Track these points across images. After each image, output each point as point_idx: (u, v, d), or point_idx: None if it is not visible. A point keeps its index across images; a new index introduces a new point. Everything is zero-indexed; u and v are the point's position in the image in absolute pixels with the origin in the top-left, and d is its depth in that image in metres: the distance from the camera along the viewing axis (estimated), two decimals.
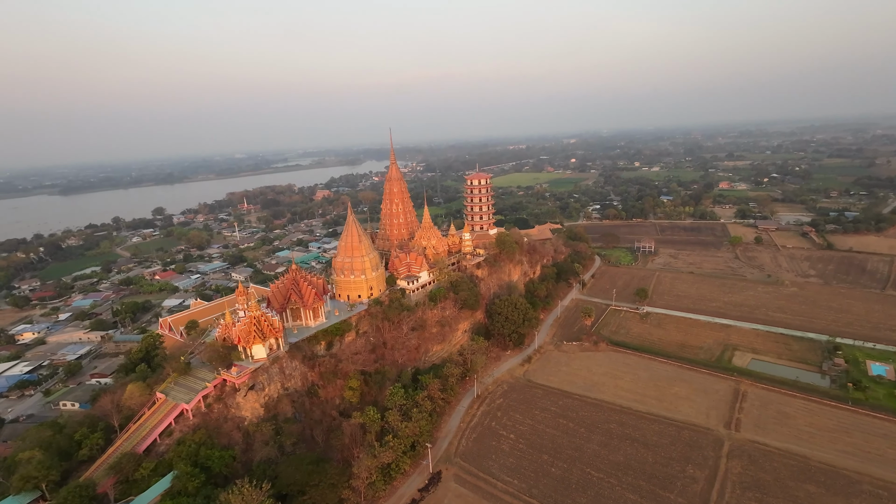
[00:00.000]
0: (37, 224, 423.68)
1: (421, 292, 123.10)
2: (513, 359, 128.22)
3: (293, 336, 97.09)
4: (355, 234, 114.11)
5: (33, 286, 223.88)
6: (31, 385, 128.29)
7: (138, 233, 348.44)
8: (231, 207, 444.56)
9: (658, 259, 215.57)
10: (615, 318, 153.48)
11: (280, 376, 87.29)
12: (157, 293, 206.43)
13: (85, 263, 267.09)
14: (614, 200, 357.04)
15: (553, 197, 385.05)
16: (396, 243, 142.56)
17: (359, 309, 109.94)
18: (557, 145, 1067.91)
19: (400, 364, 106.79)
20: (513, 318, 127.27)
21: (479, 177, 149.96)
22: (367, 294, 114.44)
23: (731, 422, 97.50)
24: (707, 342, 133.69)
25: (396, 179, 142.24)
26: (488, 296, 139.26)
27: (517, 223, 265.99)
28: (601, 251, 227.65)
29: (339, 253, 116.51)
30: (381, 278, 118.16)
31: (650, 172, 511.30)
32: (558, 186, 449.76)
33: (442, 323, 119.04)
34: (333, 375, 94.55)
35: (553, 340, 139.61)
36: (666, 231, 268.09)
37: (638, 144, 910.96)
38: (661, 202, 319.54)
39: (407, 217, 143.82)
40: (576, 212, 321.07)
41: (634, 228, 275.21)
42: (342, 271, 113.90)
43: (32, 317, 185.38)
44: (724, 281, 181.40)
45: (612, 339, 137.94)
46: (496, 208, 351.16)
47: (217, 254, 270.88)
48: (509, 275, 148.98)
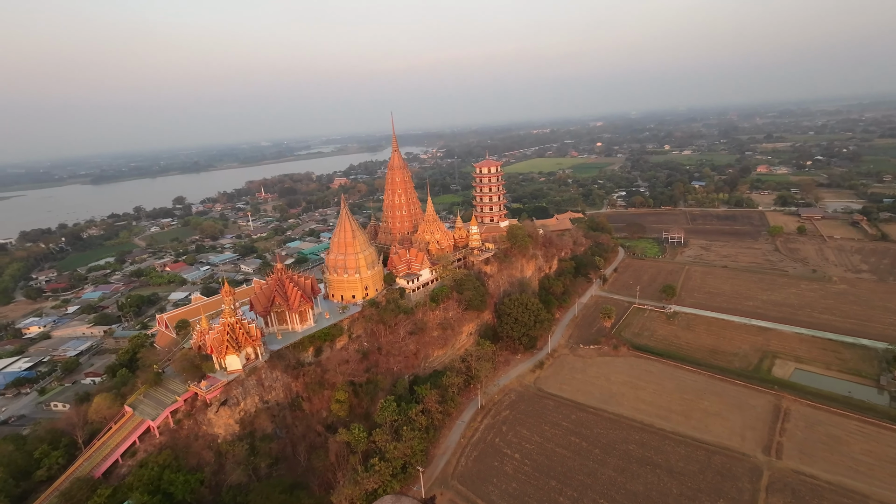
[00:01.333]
0: (65, 213, 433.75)
1: (422, 292, 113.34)
2: (523, 364, 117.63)
3: (277, 342, 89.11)
4: (349, 229, 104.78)
5: (49, 277, 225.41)
6: (28, 383, 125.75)
7: (157, 222, 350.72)
8: (249, 196, 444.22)
9: (688, 251, 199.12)
10: (638, 317, 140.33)
11: (258, 389, 79.46)
12: (166, 285, 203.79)
13: (103, 254, 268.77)
14: (641, 187, 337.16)
15: (576, 183, 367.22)
16: (399, 237, 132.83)
17: (352, 311, 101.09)
18: (583, 129, 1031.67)
19: (395, 372, 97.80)
20: (523, 320, 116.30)
21: (489, 164, 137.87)
22: (362, 294, 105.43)
23: (770, 446, 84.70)
24: (742, 348, 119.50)
25: (399, 168, 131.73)
26: (498, 294, 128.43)
27: (535, 212, 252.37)
28: (625, 242, 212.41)
29: (331, 249, 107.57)
30: (377, 277, 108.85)
31: (681, 156, 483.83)
32: (582, 172, 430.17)
33: (444, 325, 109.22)
34: (320, 386, 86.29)
35: (568, 343, 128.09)
36: (697, 220, 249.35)
37: (668, 126, 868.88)
38: (692, 188, 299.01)
39: (410, 209, 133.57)
40: (599, 199, 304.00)
41: (662, 217, 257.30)
42: (335, 269, 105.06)
43: (43, 309, 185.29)
44: (762, 276, 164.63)
45: (635, 342, 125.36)
46: (515, 195, 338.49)
47: (229, 244, 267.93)
48: (521, 271, 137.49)
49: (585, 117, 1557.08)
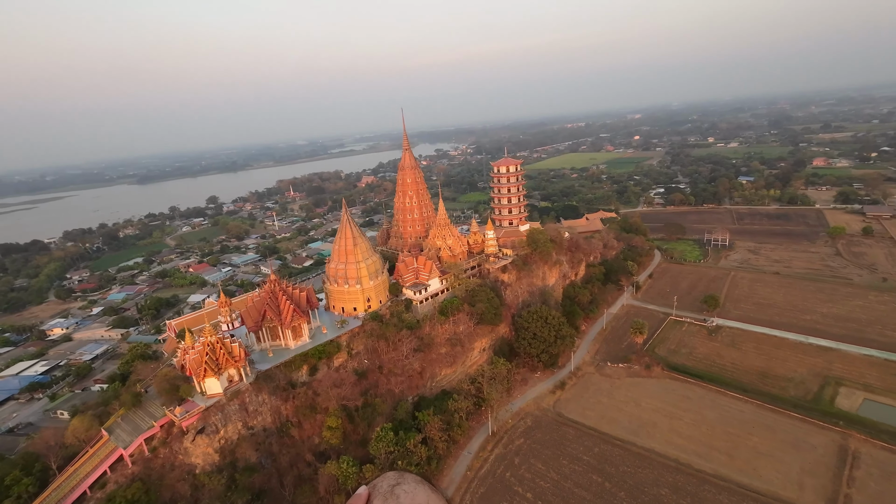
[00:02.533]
0: (108, 213, 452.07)
1: (431, 303, 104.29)
2: (542, 384, 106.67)
3: (267, 360, 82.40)
4: (349, 236, 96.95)
5: (82, 277, 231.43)
6: (41, 387, 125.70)
7: (189, 222, 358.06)
8: (278, 195, 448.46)
9: (734, 255, 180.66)
10: (675, 332, 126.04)
11: (241, 414, 72.81)
12: (188, 287, 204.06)
13: (134, 254, 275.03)
14: (681, 183, 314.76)
15: (610, 179, 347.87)
16: (411, 242, 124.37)
17: (353, 325, 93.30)
18: (619, 122, 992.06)
19: (397, 394, 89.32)
20: (542, 336, 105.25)
21: (508, 163, 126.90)
22: (364, 306, 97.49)
23: (836, 500, 70.68)
24: (799, 371, 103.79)
25: (410, 168, 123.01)
26: (516, 305, 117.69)
27: (564, 211, 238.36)
28: (663, 244, 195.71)
29: (332, 258, 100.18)
30: (381, 287, 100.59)
31: (726, 149, 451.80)
32: (617, 167, 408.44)
33: (453, 341, 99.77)
34: (311, 410, 78.91)
35: (594, 360, 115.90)
36: (744, 219, 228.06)
37: (713, 117, 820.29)
38: (738, 184, 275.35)
39: (423, 212, 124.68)
40: (635, 197, 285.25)
41: (705, 216, 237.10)
42: (335, 279, 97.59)
43: (71, 310, 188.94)
44: (821, 285, 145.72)
45: (670, 361, 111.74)
46: (544, 193, 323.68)
47: (254, 244, 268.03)
48: (543, 279, 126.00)
49: (622, 110, 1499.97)
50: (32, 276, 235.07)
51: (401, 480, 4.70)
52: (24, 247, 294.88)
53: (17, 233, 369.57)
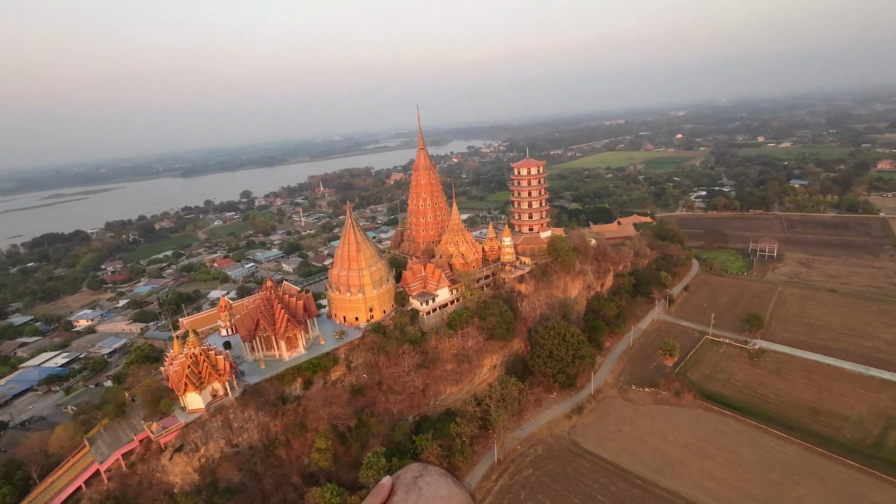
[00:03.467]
0: (150, 205, 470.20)
1: (439, 315, 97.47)
2: (557, 406, 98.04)
3: (259, 372, 77.97)
4: (352, 241, 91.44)
5: (115, 268, 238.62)
6: (59, 380, 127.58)
7: (221, 216, 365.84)
8: (308, 191, 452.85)
9: (782, 268, 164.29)
10: (711, 353, 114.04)
11: (224, 432, 68.51)
12: (211, 282, 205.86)
13: (167, 246, 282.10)
14: (726, 185, 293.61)
15: (647, 180, 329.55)
16: (423, 246, 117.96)
17: (353, 336, 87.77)
18: (661, 119, 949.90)
19: (395, 413, 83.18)
20: (559, 355, 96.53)
21: (530, 164, 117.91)
22: (366, 316, 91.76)
23: None
24: (857, 409, 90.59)
25: (424, 168, 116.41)
26: (533, 318, 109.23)
27: (595, 214, 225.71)
28: (702, 253, 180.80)
29: (334, 263, 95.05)
30: (386, 296, 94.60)
31: (778, 149, 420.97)
32: (656, 167, 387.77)
33: (461, 357, 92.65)
34: (301, 428, 73.86)
35: (618, 382, 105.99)
36: (796, 227, 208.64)
37: (764, 115, 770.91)
38: (790, 188, 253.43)
39: (437, 215, 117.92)
40: (674, 199, 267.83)
41: (750, 223, 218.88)
42: (337, 287, 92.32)
43: (99, 301, 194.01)
44: (885, 307, 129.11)
45: (704, 387, 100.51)
46: (576, 194, 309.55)
47: (279, 241, 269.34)
48: (564, 290, 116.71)
49: (666, 106, 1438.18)
50: (71, 265, 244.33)
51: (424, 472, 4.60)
52: (67, 237, 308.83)
53: (67, 222, 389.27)
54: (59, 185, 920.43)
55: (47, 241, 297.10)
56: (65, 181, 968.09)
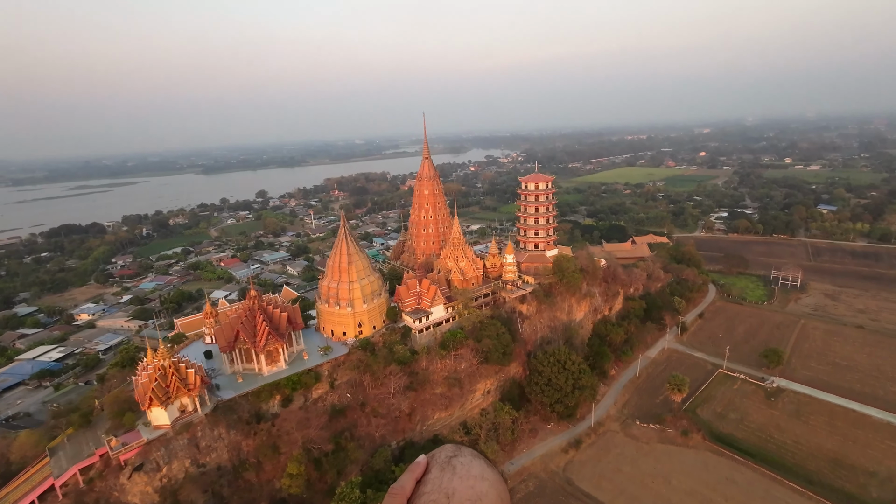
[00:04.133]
0: (169, 200, 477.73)
1: (432, 333, 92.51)
2: (553, 438, 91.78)
3: (235, 387, 74.02)
4: (344, 252, 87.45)
5: (124, 263, 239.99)
6: (52, 375, 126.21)
7: (235, 214, 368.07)
8: (323, 193, 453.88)
9: (806, 298, 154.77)
10: (724, 389, 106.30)
11: (190, 450, 64.53)
12: (215, 281, 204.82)
13: (179, 242, 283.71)
14: (749, 207, 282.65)
15: (666, 198, 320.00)
16: (423, 259, 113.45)
17: (339, 352, 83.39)
18: (685, 135, 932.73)
19: (377, 438, 78.21)
20: (558, 384, 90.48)
21: (538, 179, 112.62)
22: (355, 332, 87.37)
23: None
24: (885, 464, 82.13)
25: (428, 179, 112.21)
26: (533, 341, 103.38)
27: (610, 232, 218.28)
28: (720, 278, 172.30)
29: (325, 274, 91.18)
30: (377, 311, 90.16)
31: (805, 172, 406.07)
32: (676, 185, 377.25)
33: (452, 381, 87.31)
34: (274, 450, 69.45)
35: (621, 414, 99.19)
36: (822, 256, 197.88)
37: (792, 135, 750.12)
38: (817, 213, 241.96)
39: (438, 227, 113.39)
40: (693, 220, 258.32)
41: (774, 248, 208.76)
42: (326, 298, 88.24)
43: (104, 295, 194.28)
44: None
45: (715, 428, 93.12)
46: (591, 210, 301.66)
47: (287, 242, 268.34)
48: (569, 312, 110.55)
49: (690, 123, 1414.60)
50: (83, 257, 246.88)
51: (458, 453, 4.82)
52: (84, 228, 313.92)
53: (87, 214, 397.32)
54: (87, 176, 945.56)
55: (64, 232, 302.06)
56: (93, 173, 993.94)
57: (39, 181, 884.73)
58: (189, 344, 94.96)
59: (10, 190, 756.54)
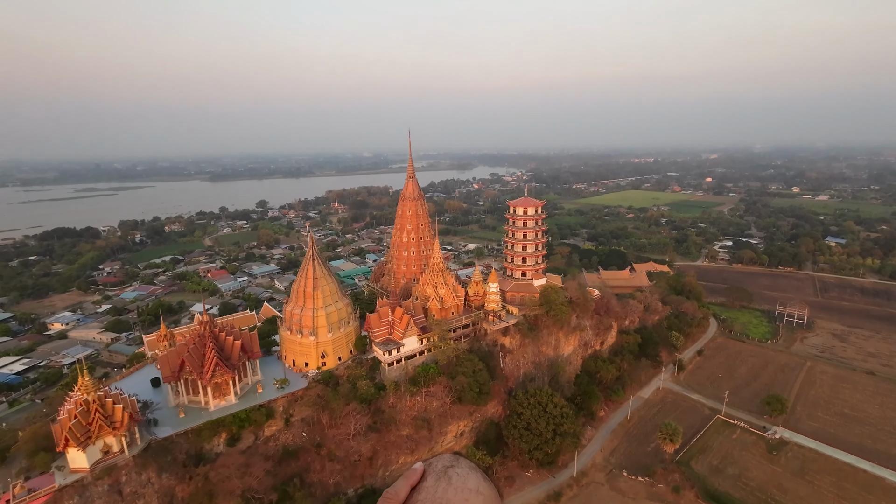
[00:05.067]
0: (172, 206, 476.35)
1: (403, 367, 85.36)
2: (532, 488, 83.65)
3: (174, 423, 67.08)
4: (310, 276, 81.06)
5: (111, 270, 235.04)
6: (10, 389, 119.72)
7: (232, 224, 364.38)
8: (323, 205, 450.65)
9: (813, 338, 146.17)
10: (722, 439, 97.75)
11: (110, 498, 57.37)
12: (200, 293, 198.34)
13: (172, 250, 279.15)
14: (754, 237, 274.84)
15: (670, 224, 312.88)
16: (403, 283, 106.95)
17: (298, 385, 76.42)
18: (692, 160, 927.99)
19: (331, 485, 70.62)
20: (537, 429, 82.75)
21: (528, 203, 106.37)
22: (318, 363, 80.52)
23: None
24: None
25: (412, 199, 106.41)
26: (515, 377, 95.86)
27: (609, 257, 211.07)
28: (722, 312, 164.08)
29: (290, 298, 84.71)
30: (344, 341, 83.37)
31: (814, 202, 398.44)
32: (681, 211, 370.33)
33: (421, 421, 79.85)
34: (209, 499, 62.10)
35: (607, 464, 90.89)
36: (830, 291, 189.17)
37: (801, 164, 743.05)
38: (825, 246, 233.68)
39: (420, 250, 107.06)
40: (696, 248, 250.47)
41: (779, 281, 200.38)
42: (289, 325, 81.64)
43: (84, 304, 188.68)
44: None
45: (709, 484, 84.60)
46: (592, 233, 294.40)
47: (280, 255, 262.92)
48: (556, 347, 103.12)
49: (698, 147, 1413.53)
50: (71, 262, 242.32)
51: (455, 463, 4.80)
52: (78, 232, 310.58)
53: (87, 216, 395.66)
54: (96, 178, 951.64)
55: (57, 235, 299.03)
56: (102, 175, 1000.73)
57: (49, 182, 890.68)
58: (143, 366, 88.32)
59: (17, 190, 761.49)
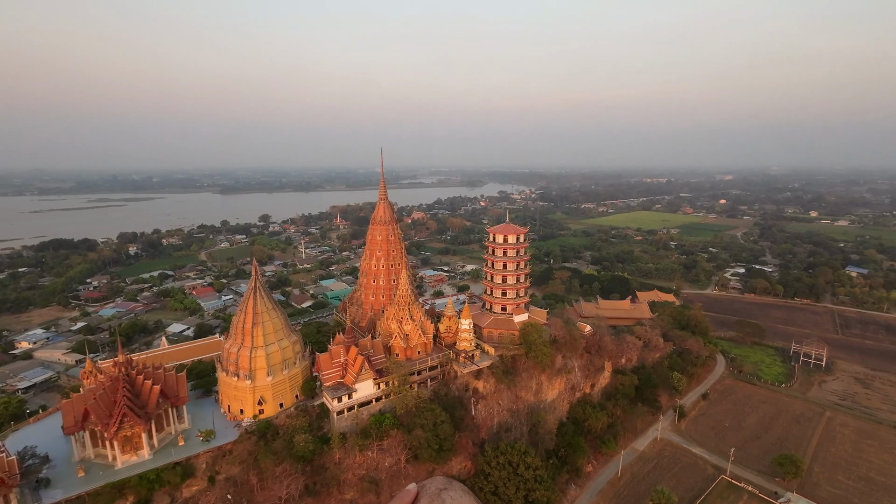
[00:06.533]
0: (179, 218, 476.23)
1: (356, 416, 75.08)
2: None
3: (65, 485, 57.58)
4: (250, 310, 71.87)
5: (97, 284, 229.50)
6: None
7: (230, 238, 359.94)
8: (325, 220, 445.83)
9: (832, 382, 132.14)
10: None
11: None
12: (181, 312, 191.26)
13: (164, 264, 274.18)
14: (769, 265, 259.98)
15: (679, 249, 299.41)
16: (371, 315, 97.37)
17: (226, 438, 66.58)
18: (707, 181, 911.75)
19: None
20: (506, 494, 71.32)
21: (508, 231, 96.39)
22: (254, 410, 70.73)
23: None
24: None
25: (382, 223, 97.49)
26: (489, 427, 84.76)
27: (611, 283, 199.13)
28: (731, 348, 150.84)
29: (229, 334, 75.46)
30: (287, 385, 73.59)
31: (832, 228, 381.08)
32: (692, 234, 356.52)
33: (368, 482, 69.03)
34: None
35: None
36: (851, 328, 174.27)
37: (819, 188, 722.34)
38: (845, 277, 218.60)
39: (391, 278, 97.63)
40: (706, 275, 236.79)
41: (795, 315, 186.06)
42: (226, 365, 72.22)
43: (61, 320, 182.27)
44: None
45: None
46: (596, 256, 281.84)
47: (272, 272, 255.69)
48: (537, 392, 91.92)
49: (713, 169, 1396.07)
50: (60, 275, 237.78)
51: (448, 486, 4.74)
52: (75, 244, 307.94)
53: (89, 228, 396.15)
54: (112, 189, 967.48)
55: (53, 247, 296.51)
56: (118, 186, 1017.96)
57: (65, 192, 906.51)
58: None
59: (33, 199, 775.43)
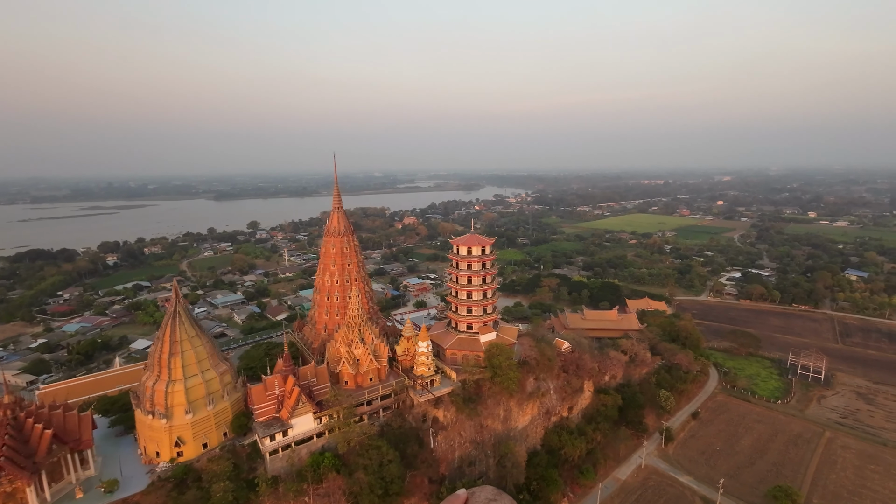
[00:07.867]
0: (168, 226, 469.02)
1: (292, 455, 66.43)
2: None
3: None
4: (167, 339, 63.41)
5: (68, 297, 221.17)
6: None
7: (215, 246, 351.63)
8: (314, 227, 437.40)
9: (832, 397, 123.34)
10: None
11: None
12: (150, 326, 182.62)
13: (143, 274, 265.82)
14: (766, 268, 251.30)
15: (674, 252, 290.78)
16: (324, 336, 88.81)
17: (133, 488, 57.98)
18: (704, 182, 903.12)
19: None
20: None
21: (471, 241, 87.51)
22: (171, 453, 62.10)
23: None
24: None
25: (335, 234, 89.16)
26: (450, 462, 76.08)
27: (601, 291, 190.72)
28: (725, 360, 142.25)
29: (147, 364, 66.97)
30: (213, 422, 65.04)
31: (832, 228, 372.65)
32: (688, 237, 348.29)
33: None
34: None
35: None
36: (852, 336, 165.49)
37: (817, 188, 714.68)
38: (845, 281, 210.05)
39: (346, 295, 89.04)
40: (700, 280, 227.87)
41: (793, 322, 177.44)
42: (142, 401, 63.69)
43: (22, 336, 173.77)
44: None
45: None
46: (588, 262, 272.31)
47: (252, 282, 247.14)
48: (506, 420, 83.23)
49: (711, 170, 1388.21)
50: (31, 288, 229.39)
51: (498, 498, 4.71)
52: (53, 254, 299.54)
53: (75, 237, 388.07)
54: (105, 197, 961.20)
55: (30, 258, 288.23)
56: (113, 193, 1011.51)
57: (59, 199, 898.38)
58: None
59: (25, 207, 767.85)
